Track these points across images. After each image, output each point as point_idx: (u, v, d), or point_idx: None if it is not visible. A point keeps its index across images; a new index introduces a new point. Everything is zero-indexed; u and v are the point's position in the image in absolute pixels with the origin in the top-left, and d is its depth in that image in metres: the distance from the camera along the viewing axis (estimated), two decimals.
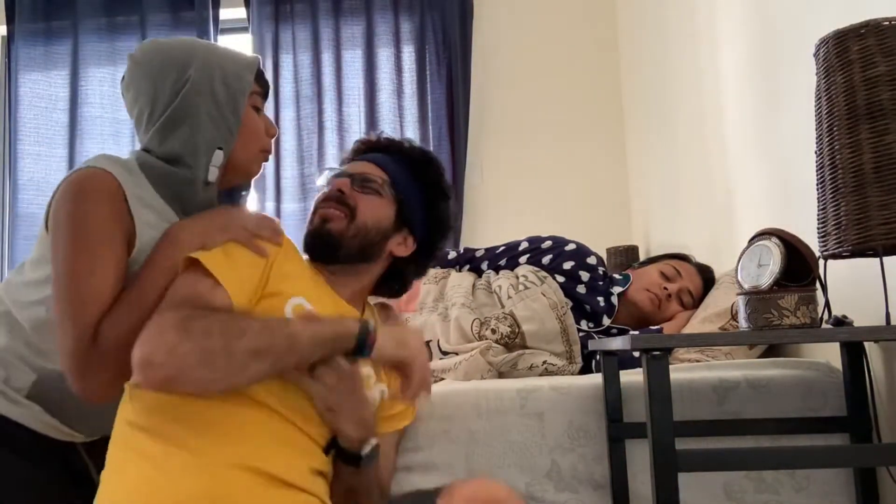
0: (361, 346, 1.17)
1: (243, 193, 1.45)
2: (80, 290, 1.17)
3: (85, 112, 3.72)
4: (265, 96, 1.40)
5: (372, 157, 1.41)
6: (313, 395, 1.18)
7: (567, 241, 2.16)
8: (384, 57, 3.72)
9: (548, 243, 2.14)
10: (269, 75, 3.67)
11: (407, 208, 1.38)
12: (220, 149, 1.28)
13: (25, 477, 1.30)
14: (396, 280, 1.42)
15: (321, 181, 1.41)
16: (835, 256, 1.19)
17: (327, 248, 1.33)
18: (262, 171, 1.41)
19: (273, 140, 1.39)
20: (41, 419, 1.31)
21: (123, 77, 1.33)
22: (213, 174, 1.29)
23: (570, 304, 1.97)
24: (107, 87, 3.75)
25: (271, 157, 1.43)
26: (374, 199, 1.36)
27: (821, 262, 1.23)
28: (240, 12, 3.79)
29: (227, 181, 1.36)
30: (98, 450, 1.38)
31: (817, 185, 1.21)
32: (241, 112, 1.31)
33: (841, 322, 1.29)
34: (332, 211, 1.34)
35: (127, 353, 1.09)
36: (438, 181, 1.43)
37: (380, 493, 1.31)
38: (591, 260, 2.12)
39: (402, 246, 1.39)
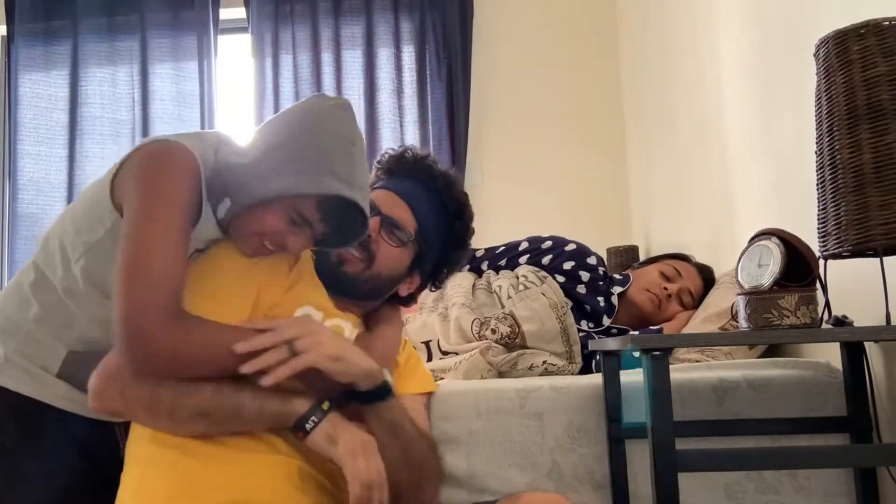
0: (298, 430, 1.15)
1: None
2: (151, 254, 1.11)
3: (85, 112, 3.72)
4: (328, 226, 1.24)
5: (406, 193, 1.36)
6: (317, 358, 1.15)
7: (567, 241, 2.16)
8: (384, 57, 3.72)
9: (548, 243, 2.14)
10: (268, 75, 3.68)
11: (424, 259, 1.37)
12: (230, 200, 1.21)
13: (51, 461, 1.29)
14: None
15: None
16: (835, 256, 1.19)
17: (339, 285, 1.32)
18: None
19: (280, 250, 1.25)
20: (73, 398, 1.30)
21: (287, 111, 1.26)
22: (221, 212, 1.22)
23: (570, 304, 1.97)
24: (107, 87, 3.75)
25: None
26: (395, 250, 1.33)
27: (821, 262, 1.23)
28: (240, 12, 3.79)
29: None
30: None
31: (817, 185, 1.21)
32: (253, 201, 1.19)
33: (841, 322, 1.29)
34: (351, 253, 1.31)
35: (177, 354, 1.11)
36: (465, 233, 1.41)
37: (428, 441, 1.28)
38: (591, 260, 2.12)
39: (406, 286, 1.39)
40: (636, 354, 1.59)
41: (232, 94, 3.99)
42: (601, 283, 2.10)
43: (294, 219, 1.20)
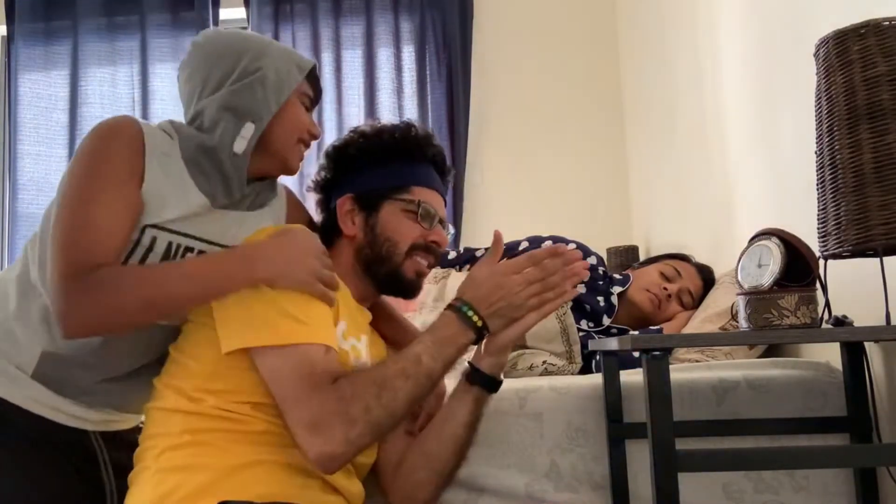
0: (480, 335, 1.21)
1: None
2: (81, 217, 1.16)
3: (85, 112, 3.72)
4: (315, 102, 1.39)
5: (441, 190, 1.41)
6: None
7: (567, 242, 2.16)
8: (384, 57, 3.72)
9: (548, 243, 2.14)
10: None
11: None
12: (252, 122, 1.27)
13: (25, 468, 1.27)
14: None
15: (432, 211, 1.36)
16: (835, 256, 1.19)
17: (407, 294, 1.37)
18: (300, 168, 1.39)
19: (311, 139, 1.37)
20: (47, 402, 1.28)
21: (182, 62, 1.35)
22: (240, 145, 1.26)
23: (570, 303, 1.96)
24: (107, 87, 3.75)
25: None
26: None
27: (821, 262, 1.23)
28: (240, 12, 3.79)
29: (263, 168, 1.33)
30: (111, 440, 1.36)
31: (817, 185, 1.21)
32: (284, 98, 1.30)
33: (841, 322, 1.29)
34: (428, 272, 1.38)
35: (113, 306, 1.14)
36: None
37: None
38: (591, 260, 2.12)
39: None
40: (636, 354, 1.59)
41: None
42: (601, 282, 2.10)
43: (306, 104, 1.35)
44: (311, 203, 1.46)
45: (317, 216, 1.44)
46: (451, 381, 1.34)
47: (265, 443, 1.16)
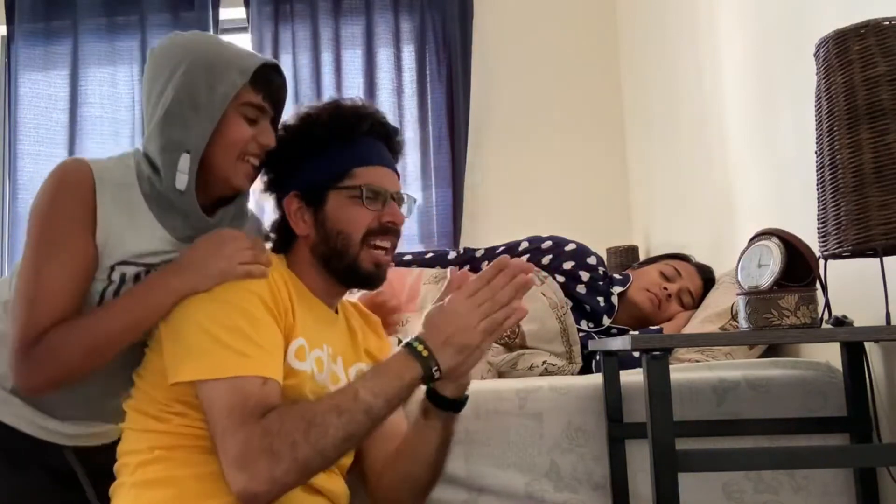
0: (428, 368, 1.13)
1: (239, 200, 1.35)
2: (32, 288, 1.19)
3: (85, 112, 3.71)
4: (272, 105, 1.30)
5: (394, 167, 1.35)
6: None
7: (567, 241, 2.16)
8: (384, 57, 3.71)
9: (548, 243, 2.14)
10: None
11: None
12: (187, 152, 1.22)
13: (5, 481, 1.28)
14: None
15: (379, 182, 1.29)
16: (835, 256, 1.19)
17: (372, 286, 1.33)
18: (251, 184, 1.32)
19: (262, 150, 1.28)
20: (24, 416, 1.29)
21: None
22: (181, 181, 1.21)
23: (570, 304, 1.97)
24: (107, 87, 3.74)
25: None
26: None
27: (821, 262, 1.23)
28: (240, 12, 3.79)
29: (213, 191, 1.29)
30: (88, 456, 1.37)
31: (817, 185, 1.21)
32: (217, 118, 1.22)
33: (841, 322, 1.29)
34: (389, 257, 1.31)
35: (61, 366, 1.16)
36: None
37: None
38: (591, 260, 2.12)
39: None
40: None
41: None
42: (601, 282, 2.10)
43: (248, 115, 1.26)
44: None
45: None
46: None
47: None
